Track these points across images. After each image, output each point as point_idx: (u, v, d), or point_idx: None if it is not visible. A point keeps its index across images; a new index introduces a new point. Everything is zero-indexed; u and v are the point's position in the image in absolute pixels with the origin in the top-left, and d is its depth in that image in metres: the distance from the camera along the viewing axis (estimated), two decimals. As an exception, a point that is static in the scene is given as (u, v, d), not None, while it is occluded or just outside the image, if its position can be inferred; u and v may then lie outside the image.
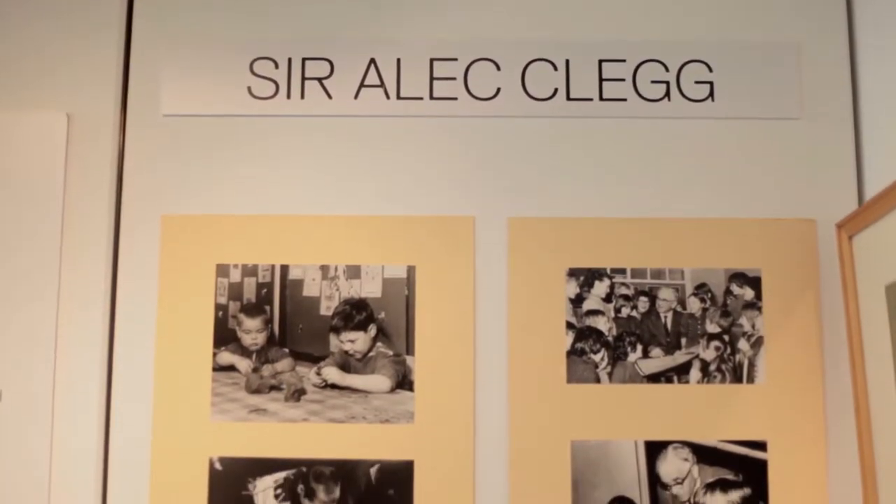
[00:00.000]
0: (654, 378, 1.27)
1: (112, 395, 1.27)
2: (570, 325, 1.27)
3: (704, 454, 1.25)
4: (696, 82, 1.32)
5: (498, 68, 1.32)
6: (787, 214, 1.29)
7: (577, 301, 1.28)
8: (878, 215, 1.12)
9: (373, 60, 1.33)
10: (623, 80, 1.32)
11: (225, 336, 1.28)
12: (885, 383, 1.11)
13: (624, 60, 1.33)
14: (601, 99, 1.32)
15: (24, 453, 1.24)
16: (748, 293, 1.28)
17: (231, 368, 1.27)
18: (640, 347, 1.27)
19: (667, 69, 1.32)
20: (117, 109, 1.32)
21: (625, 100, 1.32)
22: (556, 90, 1.32)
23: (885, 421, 1.12)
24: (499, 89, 1.32)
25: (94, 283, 1.28)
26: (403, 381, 1.27)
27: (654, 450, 1.25)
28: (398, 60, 1.33)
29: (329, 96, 1.32)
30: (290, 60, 1.33)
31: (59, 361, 1.26)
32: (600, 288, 1.28)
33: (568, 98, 1.32)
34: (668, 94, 1.32)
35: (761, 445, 1.25)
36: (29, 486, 1.23)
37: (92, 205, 1.29)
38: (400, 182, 1.31)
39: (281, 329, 1.28)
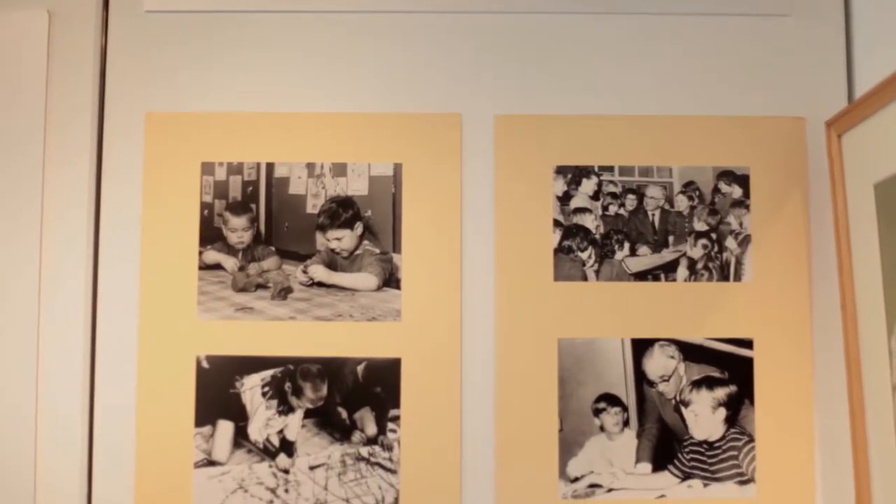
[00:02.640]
0: (641, 276, 1.27)
1: (98, 294, 1.27)
2: (557, 223, 1.27)
3: (691, 352, 1.25)
4: (685, -23, 1.30)
5: (485, -38, 1.30)
6: (776, 112, 1.28)
7: (564, 199, 1.27)
8: (868, 113, 1.11)
9: (358, -46, 1.31)
10: (611, -26, 1.30)
11: (211, 235, 1.27)
12: (872, 281, 1.11)
13: (612, -45, 1.31)
14: (589, -6, 1.30)
15: (10, 351, 1.24)
16: (736, 191, 1.27)
17: (217, 267, 1.27)
18: (627, 245, 1.27)
19: (655, -36, 1.30)
20: (99, 6, 1.29)
21: (613, -5, 1.30)
22: (544, -16, 1.30)
23: (871, 318, 1.12)
24: (486, -16, 1.30)
25: (78, 182, 1.26)
26: (390, 279, 1.26)
27: (641, 347, 1.25)
28: (384, -46, 1.30)
29: (314, -9, 1.30)
30: (274, -46, 1.31)
31: (44, 262, 1.25)
32: (588, 185, 1.27)
33: (556, -7, 1.30)
34: (656, -12, 1.30)
35: (747, 343, 1.25)
36: (14, 381, 1.24)
37: (75, 104, 1.27)
38: (386, 79, 1.29)
39: (267, 227, 1.28)
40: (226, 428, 1.25)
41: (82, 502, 1.24)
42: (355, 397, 1.25)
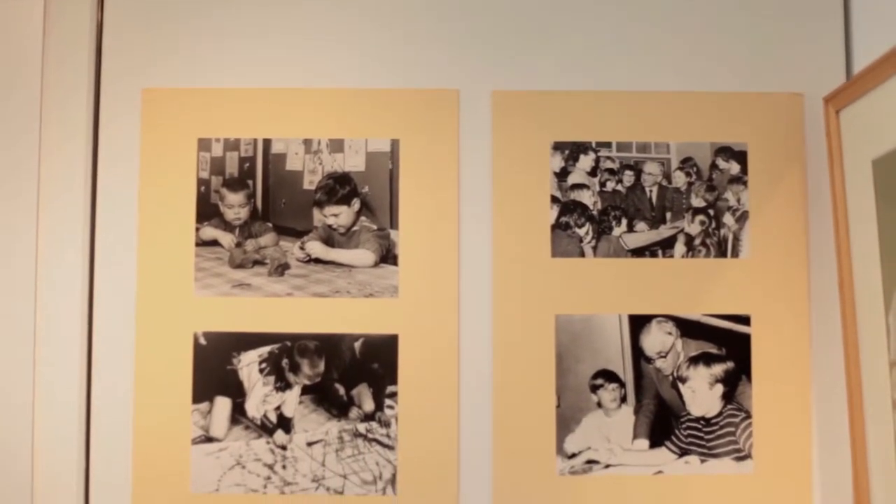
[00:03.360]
0: (638, 252, 1.26)
1: (95, 271, 1.26)
2: (554, 199, 1.27)
3: (688, 328, 1.25)
4: (685, -48, 1.30)
5: (483, -64, 1.30)
6: (774, 88, 1.28)
7: (561, 175, 1.27)
8: (866, 89, 1.11)
9: (355, -72, 1.30)
10: (609, -50, 1.29)
11: (207, 211, 1.27)
12: (870, 257, 1.10)
13: (609, -70, 1.30)
14: (587, -31, 1.29)
15: (6, 327, 1.24)
16: (734, 167, 1.27)
17: (214, 243, 1.27)
18: (624, 221, 1.27)
19: (653, -62, 1.30)
20: (95, -18, 1.29)
21: (611, -30, 1.29)
22: (541, -40, 1.29)
23: (868, 293, 1.12)
24: (484, -41, 1.29)
25: (74, 159, 1.26)
26: (387, 256, 1.26)
27: (638, 324, 1.25)
28: (380, -72, 1.30)
29: (312, -34, 1.29)
30: (270, -71, 1.30)
31: (41, 239, 1.25)
32: (585, 161, 1.27)
33: (554, -31, 1.29)
34: (655, -36, 1.30)
35: (745, 319, 1.25)
36: (11, 357, 1.24)
37: (71, 80, 1.27)
38: (384, 55, 1.29)
39: (264, 203, 1.27)
40: (223, 404, 1.25)
41: (80, 477, 1.24)
42: (353, 374, 1.25)
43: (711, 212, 1.27)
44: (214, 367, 1.25)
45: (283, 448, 1.24)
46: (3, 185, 1.25)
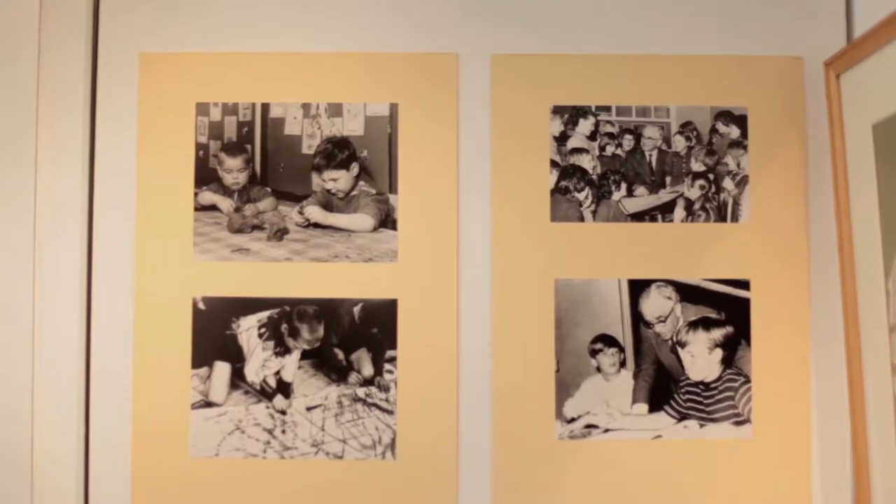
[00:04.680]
0: (638, 217, 1.26)
1: (94, 236, 1.26)
2: (553, 164, 1.26)
3: (687, 293, 1.25)
4: (684, -86, 1.29)
5: None
6: (774, 52, 1.27)
7: (561, 139, 1.27)
8: (867, 53, 1.10)
9: None
10: (609, -89, 1.28)
11: (206, 176, 1.27)
12: (870, 222, 1.10)
13: None
14: (587, -68, 1.28)
15: (5, 295, 1.24)
16: (734, 131, 1.27)
17: (213, 208, 1.26)
18: (624, 186, 1.26)
19: None
20: (92, -55, 1.28)
21: (610, -67, 1.28)
22: (541, -78, 1.29)
23: (868, 258, 1.11)
24: (483, -80, 1.28)
25: (72, 123, 1.25)
26: (386, 220, 1.26)
27: (638, 288, 1.25)
28: None
29: (309, -71, 1.28)
30: None
31: (39, 204, 1.24)
32: (585, 126, 1.27)
33: (553, -69, 1.28)
34: (654, -74, 1.29)
35: (744, 284, 1.25)
36: (9, 327, 1.23)
37: (68, 44, 1.26)
38: (382, 18, 1.28)
39: (262, 168, 1.27)
40: (222, 369, 1.25)
41: (80, 442, 1.24)
42: (352, 338, 1.25)
43: (711, 176, 1.26)
44: (214, 332, 1.25)
45: (283, 413, 1.24)
46: (1, 151, 1.24)
